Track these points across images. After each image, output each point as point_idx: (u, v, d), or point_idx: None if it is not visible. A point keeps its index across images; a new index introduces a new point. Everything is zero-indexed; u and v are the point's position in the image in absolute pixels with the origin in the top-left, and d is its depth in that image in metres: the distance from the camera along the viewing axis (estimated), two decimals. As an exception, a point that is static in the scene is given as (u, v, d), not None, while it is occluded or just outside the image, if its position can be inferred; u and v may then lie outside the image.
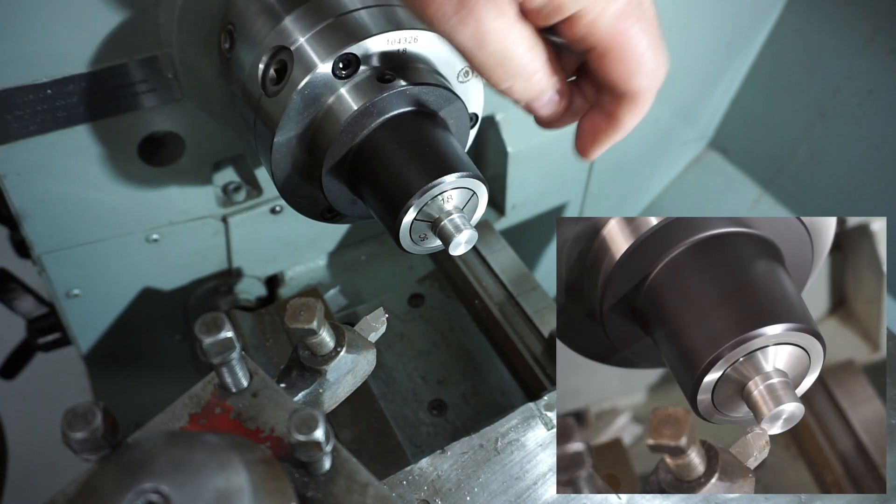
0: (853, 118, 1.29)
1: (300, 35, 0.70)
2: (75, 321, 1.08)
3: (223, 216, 1.03)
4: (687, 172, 1.53)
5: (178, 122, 0.88)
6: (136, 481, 0.46)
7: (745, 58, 1.37)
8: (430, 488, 0.75)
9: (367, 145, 0.71)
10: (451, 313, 1.12)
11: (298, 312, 0.64)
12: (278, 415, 0.58)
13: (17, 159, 0.83)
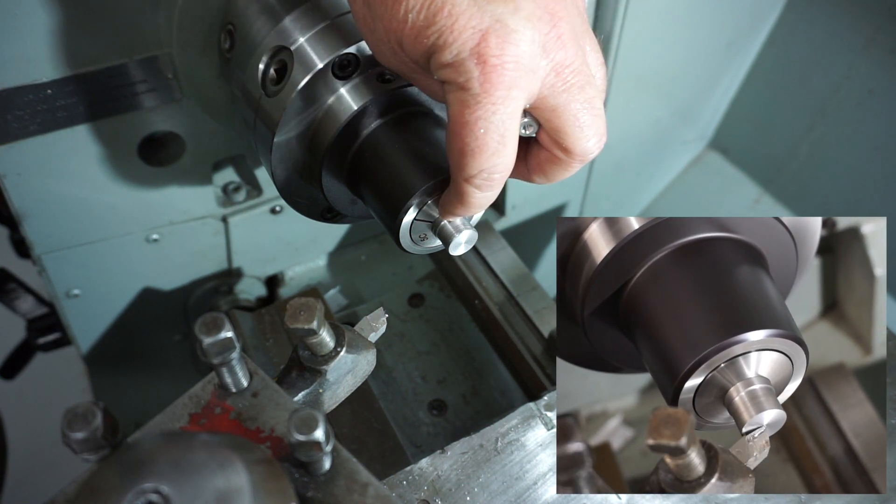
0: (853, 118, 1.29)
1: (300, 35, 0.70)
2: (75, 321, 1.08)
3: (223, 216, 1.03)
4: (687, 172, 1.53)
5: (178, 122, 0.88)
6: (136, 481, 0.46)
7: (745, 58, 1.37)
8: (430, 488, 0.75)
9: (366, 145, 0.71)
10: (451, 313, 1.12)
11: (298, 312, 0.64)
12: (278, 415, 0.58)
13: (17, 159, 0.83)
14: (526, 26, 0.55)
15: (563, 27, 0.57)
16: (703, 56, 1.30)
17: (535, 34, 0.56)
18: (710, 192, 1.50)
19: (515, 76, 0.55)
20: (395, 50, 0.59)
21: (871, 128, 1.28)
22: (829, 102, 1.32)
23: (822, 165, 1.37)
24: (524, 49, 0.55)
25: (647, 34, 1.13)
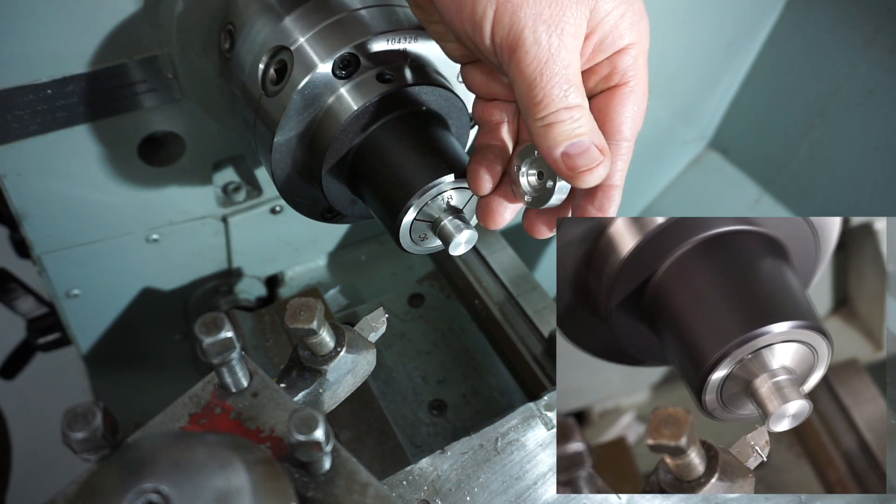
0: (853, 118, 1.29)
1: (300, 35, 0.70)
2: (75, 321, 1.08)
3: (223, 216, 1.03)
4: (687, 172, 1.53)
5: (178, 122, 0.88)
6: (136, 481, 0.46)
7: (745, 58, 1.37)
8: (430, 488, 0.75)
9: (367, 145, 0.71)
10: (451, 313, 1.12)
11: (298, 312, 0.64)
12: (278, 415, 0.58)
13: (17, 159, 0.83)
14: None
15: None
16: (703, 56, 1.30)
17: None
18: (710, 192, 1.50)
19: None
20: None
21: (871, 128, 1.28)
22: (829, 102, 1.32)
23: (822, 165, 1.37)
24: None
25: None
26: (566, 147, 0.60)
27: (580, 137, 0.60)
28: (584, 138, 0.60)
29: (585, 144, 0.60)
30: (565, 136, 0.59)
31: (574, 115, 0.59)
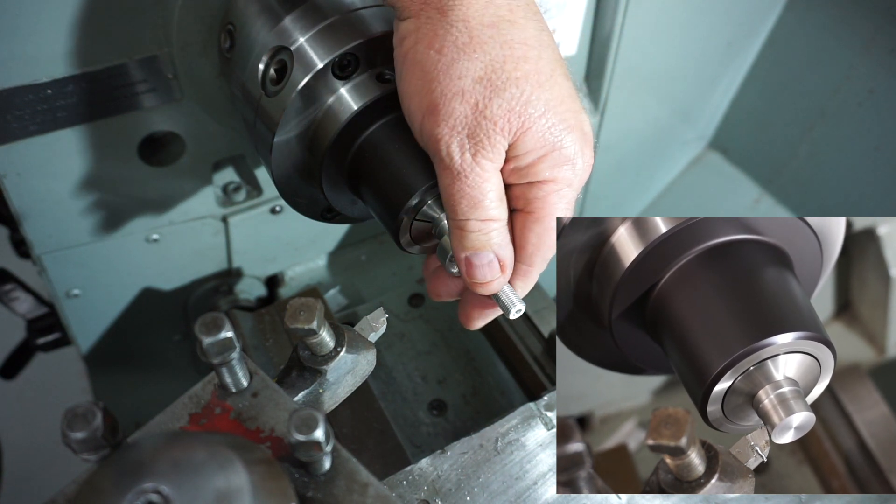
0: (853, 118, 1.29)
1: (300, 35, 0.70)
2: (75, 321, 1.08)
3: (223, 216, 1.03)
4: (687, 172, 1.52)
5: (178, 122, 0.88)
6: (136, 481, 0.46)
7: (745, 58, 1.37)
8: (430, 488, 0.75)
9: (366, 145, 0.71)
10: (451, 313, 1.12)
11: (298, 312, 0.64)
12: (278, 415, 0.58)
13: (17, 159, 0.83)
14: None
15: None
16: (703, 56, 1.30)
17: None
18: (710, 192, 1.50)
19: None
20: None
21: (871, 128, 1.28)
22: (829, 102, 1.32)
23: (822, 165, 1.37)
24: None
25: (647, 34, 1.13)
26: (469, 255, 0.65)
27: (484, 250, 0.64)
28: (487, 251, 0.64)
29: (488, 258, 0.64)
30: (471, 245, 0.64)
31: (484, 227, 0.64)
